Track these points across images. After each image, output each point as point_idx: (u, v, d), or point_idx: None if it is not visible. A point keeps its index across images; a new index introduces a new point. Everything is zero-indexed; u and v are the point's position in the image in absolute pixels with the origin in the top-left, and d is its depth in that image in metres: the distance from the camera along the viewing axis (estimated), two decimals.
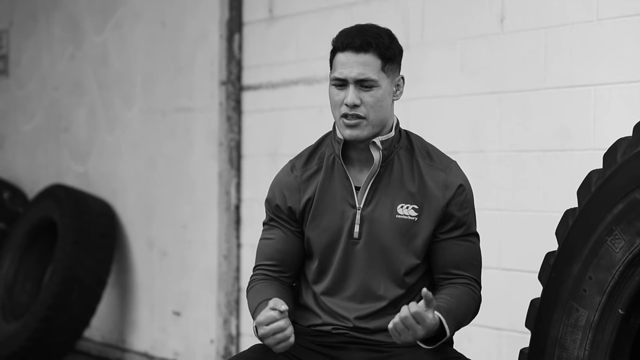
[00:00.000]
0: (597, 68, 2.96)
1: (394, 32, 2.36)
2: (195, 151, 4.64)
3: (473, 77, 3.35)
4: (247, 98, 4.37)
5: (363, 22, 2.38)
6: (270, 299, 2.20)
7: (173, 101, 4.78)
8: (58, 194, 5.07)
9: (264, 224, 2.45)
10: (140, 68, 5.00)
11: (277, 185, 2.41)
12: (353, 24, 2.37)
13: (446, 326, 2.16)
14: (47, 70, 5.77)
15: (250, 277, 2.45)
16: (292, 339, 2.15)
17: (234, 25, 4.38)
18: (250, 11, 4.35)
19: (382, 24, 2.38)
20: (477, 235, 2.37)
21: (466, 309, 2.28)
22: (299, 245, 2.39)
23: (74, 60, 5.53)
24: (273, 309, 2.13)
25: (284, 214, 2.39)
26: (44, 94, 5.80)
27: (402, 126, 2.43)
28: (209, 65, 4.54)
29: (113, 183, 5.19)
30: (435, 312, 2.14)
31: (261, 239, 2.45)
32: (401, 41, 2.29)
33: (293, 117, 4.12)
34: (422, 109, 3.51)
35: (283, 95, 4.17)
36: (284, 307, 2.13)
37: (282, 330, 2.13)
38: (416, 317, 2.08)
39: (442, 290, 2.31)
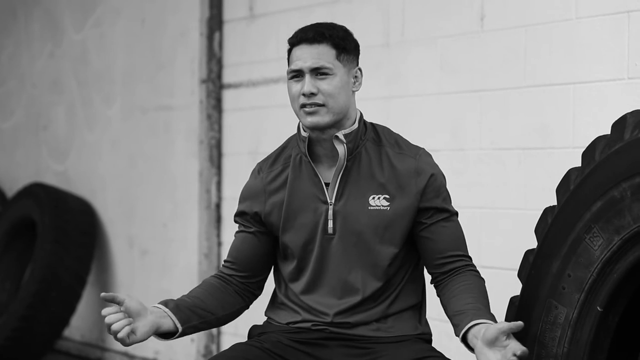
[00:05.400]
0: (576, 66, 2.97)
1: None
2: (175, 149, 4.63)
3: (453, 76, 3.36)
4: (228, 96, 4.35)
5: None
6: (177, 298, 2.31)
7: (153, 99, 4.76)
8: (37, 192, 5.04)
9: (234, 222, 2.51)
10: (120, 66, 4.98)
11: (246, 191, 2.44)
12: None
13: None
14: (26, 68, 5.74)
15: None
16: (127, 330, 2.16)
17: (215, 23, 4.37)
18: (231, 9, 4.34)
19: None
20: (457, 214, 2.39)
21: (486, 296, 2.30)
22: (259, 246, 2.42)
23: (53, 58, 5.49)
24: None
25: (249, 217, 2.42)
26: (23, 91, 5.77)
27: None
28: (189, 63, 4.52)
29: (93, 181, 5.16)
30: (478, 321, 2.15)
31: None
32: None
33: (273, 116, 4.11)
34: (403, 107, 3.52)
35: (263, 93, 4.16)
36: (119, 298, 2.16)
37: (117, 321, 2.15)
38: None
39: (457, 286, 2.28)
